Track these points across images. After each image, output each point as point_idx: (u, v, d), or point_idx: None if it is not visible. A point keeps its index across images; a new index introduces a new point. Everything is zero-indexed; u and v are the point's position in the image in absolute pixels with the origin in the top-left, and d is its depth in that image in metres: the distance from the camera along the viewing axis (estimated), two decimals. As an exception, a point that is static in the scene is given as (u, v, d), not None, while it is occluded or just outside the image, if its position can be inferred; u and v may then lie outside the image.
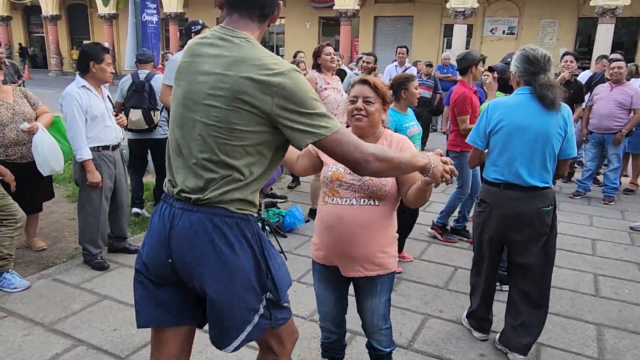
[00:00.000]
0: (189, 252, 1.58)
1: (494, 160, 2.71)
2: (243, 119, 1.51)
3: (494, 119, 2.66)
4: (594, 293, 3.60)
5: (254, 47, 1.55)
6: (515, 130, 2.60)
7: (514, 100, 2.67)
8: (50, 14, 25.10)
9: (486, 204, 2.76)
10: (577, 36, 18.36)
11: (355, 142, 1.56)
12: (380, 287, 2.17)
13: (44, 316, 3.03)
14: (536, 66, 2.61)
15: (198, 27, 4.21)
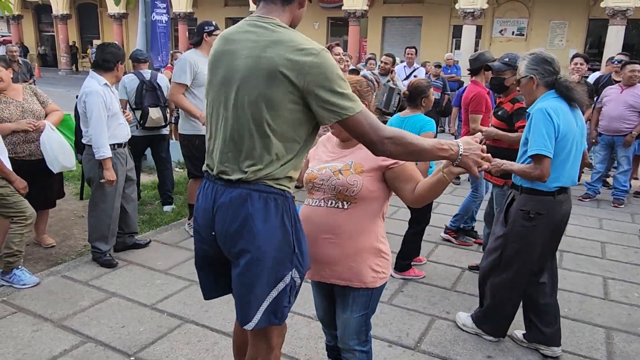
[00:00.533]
0: (228, 225, 1.68)
1: (554, 168, 2.56)
2: (280, 97, 1.58)
3: (560, 125, 2.51)
4: (603, 296, 3.57)
5: (286, 30, 1.63)
6: (572, 134, 2.56)
7: (560, 104, 2.56)
8: (61, 13, 25.28)
9: (540, 215, 2.62)
10: (587, 37, 18.22)
11: (374, 124, 1.60)
12: (352, 300, 2.00)
13: (53, 312, 3.06)
14: (555, 66, 2.61)
15: (211, 27, 4.22)
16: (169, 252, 4.03)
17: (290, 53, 1.56)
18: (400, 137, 1.62)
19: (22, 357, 2.62)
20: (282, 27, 1.64)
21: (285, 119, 1.61)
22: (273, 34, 1.61)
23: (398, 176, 1.90)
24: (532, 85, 2.65)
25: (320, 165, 2.02)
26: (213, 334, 2.89)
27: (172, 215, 4.85)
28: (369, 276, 1.97)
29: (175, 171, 6.59)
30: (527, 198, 2.66)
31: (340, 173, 1.93)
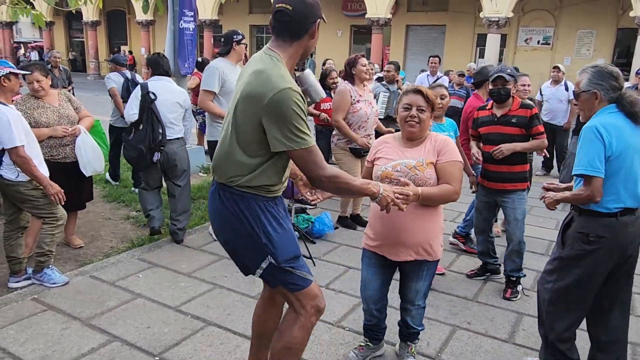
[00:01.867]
0: (212, 217, 2.14)
1: (611, 188, 2.39)
2: (249, 118, 1.91)
3: (613, 142, 2.35)
4: (631, 312, 3.49)
5: (271, 64, 1.93)
6: (632, 151, 2.39)
7: (616, 120, 2.40)
8: (91, 20, 25.98)
9: (602, 238, 2.41)
10: (616, 47, 17.89)
11: (318, 162, 1.91)
12: (426, 272, 2.53)
13: (81, 311, 3.15)
14: (620, 82, 2.46)
15: (239, 36, 4.32)
16: (193, 256, 4.11)
17: (259, 83, 1.88)
18: (335, 176, 1.96)
19: (51, 353, 2.71)
20: (271, 60, 1.94)
21: (252, 137, 1.93)
22: (261, 64, 1.93)
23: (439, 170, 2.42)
24: (594, 101, 2.46)
25: (393, 163, 2.44)
26: (235, 337, 2.94)
27: (196, 220, 4.93)
28: (439, 250, 2.52)
29: (199, 175, 6.71)
30: (587, 220, 2.47)
31: (416, 169, 2.39)
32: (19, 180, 3.27)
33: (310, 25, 1.96)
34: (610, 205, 2.41)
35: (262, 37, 25.77)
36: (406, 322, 2.67)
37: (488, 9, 16.57)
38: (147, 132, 4.03)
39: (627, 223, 2.42)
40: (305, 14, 1.94)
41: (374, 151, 2.60)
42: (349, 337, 2.99)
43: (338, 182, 1.96)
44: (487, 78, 4.23)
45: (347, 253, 4.31)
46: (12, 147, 3.14)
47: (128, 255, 4.04)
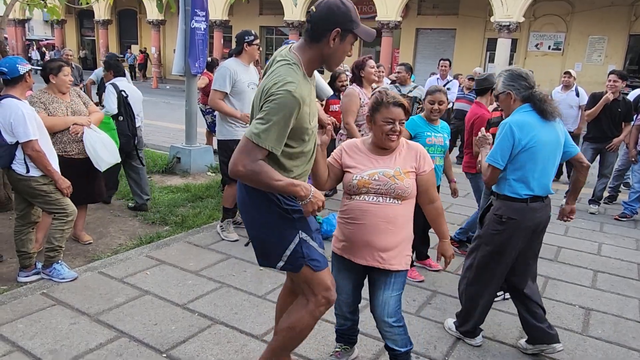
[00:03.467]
0: (241, 208, 2.23)
1: (521, 177, 2.74)
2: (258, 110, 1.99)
3: (523, 137, 2.68)
4: (639, 319, 3.47)
5: (286, 64, 1.99)
6: (541, 145, 2.70)
7: (529, 117, 2.73)
8: (102, 19, 26.16)
9: (512, 220, 2.76)
10: (627, 53, 17.74)
11: (248, 153, 1.93)
12: (393, 279, 2.38)
13: (90, 307, 3.16)
14: (529, 81, 2.77)
15: (251, 37, 4.33)
16: (201, 254, 4.12)
17: (269, 81, 1.95)
18: (258, 171, 1.94)
19: (59, 348, 2.73)
20: (284, 59, 2.00)
21: None
22: (275, 63, 2.02)
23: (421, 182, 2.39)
24: (509, 100, 2.82)
25: (369, 171, 2.34)
26: (242, 336, 2.94)
27: (204, 218, 4.95)
28: (408, 259, 2.42)
29: (208, 175, 6.73)
30: (501, 204, 2.83)
31: (395, 179, 2.31)
32: (30, 175, 3.31)
33: (326, 32, 1.97)
34: (520, 191, 2.76)
35: (271, 39, 25.83)
36: (389, 346, 2.50)
37: (499, 13, 16.49)
38: (127, 122, 4.86)
39: (536, 208, 2.77)
40: (323, 19, 1.97)
41: (344, 154, 2.45)
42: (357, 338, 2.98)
43: (258, 178, 1.96)
44: (491, 86, 4.29)
45: (355, 255, 4.30)
46: (27, 141, 3.20)
47: (136, 252, 4.05)
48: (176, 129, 10.80)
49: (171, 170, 6.76)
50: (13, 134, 3.21)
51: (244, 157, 1.94)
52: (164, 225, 4.79)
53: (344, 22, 1.97)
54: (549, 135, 2.73)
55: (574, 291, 3.84)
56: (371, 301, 2.49)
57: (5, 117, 3.19)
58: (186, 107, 6.87)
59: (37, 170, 3.32)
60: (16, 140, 3.23)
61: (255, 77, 4.47)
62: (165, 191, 5.81)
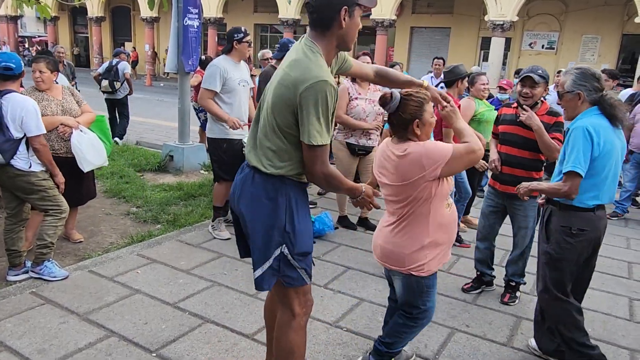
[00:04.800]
0: (240, 197, 2.13)
1: (592, 186, 2.57)
2: (286, 104, 1.92)
3: (600, 142, 2.50)
4: (629, 317, 3.49)
5: (311, 53, 1.94)
6: (614, 152, 2.55)
7: (602, 121, 2.54)
8: (96, 16, 26.02)
9: (583, 231, 2.63)
10: (620, 53, 17.86)
11: (320, 160, 1.95)
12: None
13: (79, 306, 3.15)
14: (602, 83, 2.60)
15: (240, 35, 4.29)
16: (192, 253, 4.10)
17: (295, 73, 1.90)
18: (331, 177, 2.01)
19: (48, 347, 2.71)
20: (309, 49, 1.95)
21: (286, 125, 1.96)
22: (298, 53, 1.96)
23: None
24: (577, 101, 2.61)
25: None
26: (233, 335, 2.93)
27: (196, 217, 4.93)
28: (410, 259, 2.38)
29: (201, 173, 6.71)
30: (569, 215, 2.65)
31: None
32: (32, 170, 3.32)
33: (334, 14, 1.92)
34: (589, 202, 2.61)
35: (266, 36, 25.78)
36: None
37: (493, 12, 16.55)
38: None
39: (601, 217, 2.67)
40: (326, 4, 1.92)
41: None
42: (347, 338, 2.99)
43: (332, 181, 2.04)
44: (459, 77, 4.43)
45: (347, 253, 4.31)
46: (37, 135, 3.25)
47: (127, 251, 4.04)
48: (169, 127, 10.77)
49: (164, 169, 6.74)
50: (22, 128, 3.22)
51: (320, 164, 1.96)
52: (155, 224, 4.77)
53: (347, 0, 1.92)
54: (619, 142, 2.59)
55: (564, 289, 3.85)
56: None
57: (15, 111, 3.19)
58: (179, 105, 6.84)
59: (38, 165, 3.35)
60: (21, 135, 3.24)
61: (246, 74, 4.45)
62: (157, 189, 5.78)
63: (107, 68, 8.49)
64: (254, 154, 2.08)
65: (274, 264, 2.05)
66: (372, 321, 3.19)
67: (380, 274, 3.87)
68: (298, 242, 2.05)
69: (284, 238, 2.04)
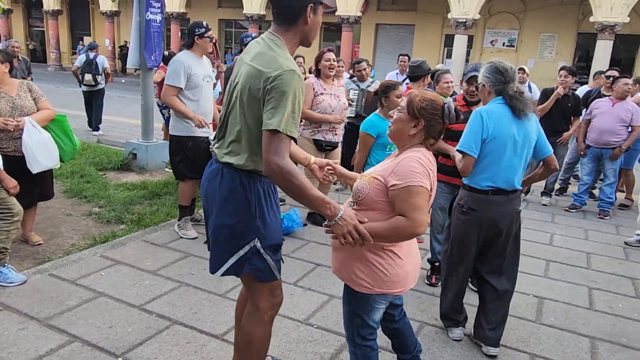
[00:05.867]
0: (209, 196, 2.11)
1: (484, 168, 2.78)
2: (252, 96, 1.90)
3: (490, 127, 2.73)
4: (588, 306, 3.62)
5: (275, 46, 1.93)
6: (507, 138, 2.73)
7: (500, 109, 2.78)
8: (52, 9, 25.07)
9: (473, 211, 2.83)
10: (576, 51, 18.52)
11: (280, 150, 1.80)
12: (345, 291, 2.20)
13: (40, 311, 3.02)
14: (506, 76, 2.80)
15: (202, 30, 4.20)
16: (158, 253, 4.00)
17: (266, 64, 1.87)
18: (293, 174, 1.80)
19: (7, 355, 2.59)
20: (271, 42, 1.94)
21: (250, 117, 1.93)
22: (262, 47, 1.95)
23: (392, 200, 1.97)
24: (485, 92, 2.90)
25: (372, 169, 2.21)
26: (202, 336, 2.88)
27: (162, 216, 4.82)
28: (348, 275, 2.10)
29: (166, 171, 6.57)
30: (465, 194, 2.90)
31: (360, 178, 2.13)
32: None
33: (302, 10, 1.93)
34: (482, 182, 2.81)
35: (231, 32, 25.46)
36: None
37: (456, 10, 16.85)
38: None
39: (499, 202, 2.80)
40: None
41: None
42: (317, 335, 2.98)
43: (291, 179, 1.79)
44: (425, 73, 4.50)
45: (316, 250, 4.30)
46: None
47: (90, 253, 3.90)
48: (132, 124, 10.50)
49: (127, 167, 6.55)
50: None
51: (274, 153, 1.79)
52: (119, 224, 4.64)
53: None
54: (519, 131, 2.75)
55: (528, 281, 3.97)
56: None
57: None
58: (142, 101, 6.67)
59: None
60: None
61: (209, 69, 4.38)
62: (121, 188, 5.62)
63: (86, 62, 8.97)
64: (222, 149, 2.06)
65: (245, 257, 2.04)
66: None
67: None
68: (268, 235, 2.06)
69: (256, 232, 2.03)
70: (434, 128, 2.05)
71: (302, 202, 1.87)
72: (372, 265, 2.03)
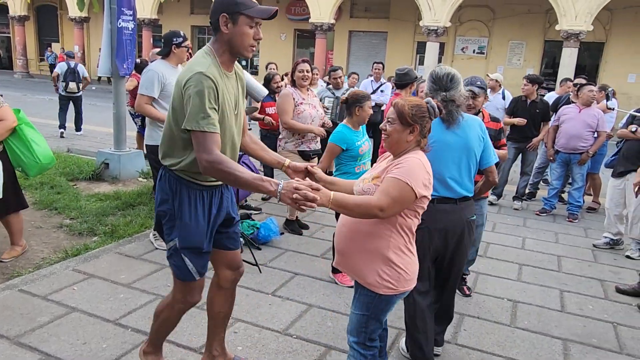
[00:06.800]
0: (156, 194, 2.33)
1: None
2: (177, 102, 2.08)
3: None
4: (560, 309, 3.72)
5: (200, 55, 2.11)
6: (441, 146, 2.68)
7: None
8: (18, 14, 24.42)
9: (423, 221, 2.65)
10: (544, 58, 19.05)
11: (206, 146, 1.97)
12: (357, 296, 2.21)
13: (9, 329, 2.92)
14: (438, 84, 2.75)
15: (180, 39, 4.16)
16: (133, 265, 3.93)
17: (183, 73, 2.07)
18: (219, 163, 1.97)
19: (-25, 376, 2.50)
20: (201, 55, 2.10)
21: (177, 122, 2.10)
22: (193, 59, 2.12)
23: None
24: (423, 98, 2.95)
25: (369, 173, 2.27)
26: (180, 350, 2.84)
27: (136, 227, 4.73)
28: (373, 279, 2.10)
29: (139, 181, 6.46)
30: None
31: (362, 182, 2.19)
32: None
33: (216, 20, 2.06)
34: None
35: (203, 38, 25.27)
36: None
37: (427, 17, 17.14)
38: None
39: (447, 210, 2.72)
40: (213, 10, 2.08)
41: (378, 161, 2.40)
42: (297, 345, 2.97)
43: (221, 169, 1.97)
44: (412, 81, 4.55)
45: (294, 259, 4.29)
46: None
47: (62, 267, 3.80)
48: (103, 133, 10.29)
49: (99, 177, 6.42)
50: None
51: (201, 150, 1.98)
52: (92, 236, 4.53)
53: (228, 7, 2.04)
54: (455, 139, 2.71)
55: (501, 285, 4.05)
56: None
57: None
58: (114, 110, 6.54)
59: None
60: None
61: None
62: (92, 199, 5.50)
63: (68, 70, 9.78)
64: (161, 154, 2.26)
65: (169, 252, 2.29)
66: (322, 327, 3.19)
67: (327, 278, 3.89)
68: (185, 237, 2.22)
69: (175, 232, 2.23)
70: (425, 128, 2.17)
71: (242, 187, 2.03)
72: (395, 265, 2.10)
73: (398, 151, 2.17)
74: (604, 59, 17.79)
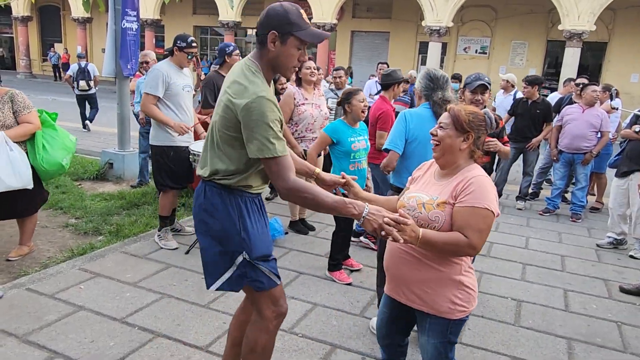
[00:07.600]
0: (196, 213, 2.16)
1: (408, 167, 2.87)
2: (228, 123, 1.98)
3: (412, 128, 2.92)
4: (564, 308, 3.73)
5: (249, 73, 1.98)
6: (427, 141, 2.61)
7: (424, 112, 2.97)
8: (21, 15, 24.51)
9: None
10: (546, 58, 19.04)
11: (282, 174, 1.91)
12: (428, 325, 2.05)
13: (18, 327, 2.95)
14: (435, 84, 2.96)
15: (183, 44, 4.15)
16: (139, 264, 3.96)
17: (231, 92, 1.95)
18: (304, 189, 1.90)
19: (-16, 374, 2.53)
20: (245, 65, 2.00)
21: (229, 142, 2.01)
22: (235, 71, 2.02)
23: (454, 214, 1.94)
24: (417, 97, 3.12)
25: (412, 193, 2.08)
26: (186, 348, 2.86)
27: (141, 227, 4.76)
28: (446, 306, 1.98)
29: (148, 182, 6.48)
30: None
31: (423, 207, 1.98)
32: None
33: (265, 36, 1.97)
34: (394, 181, 3.08)
35: (206, 39, 25.33)
36: None
37: (429, 18, 17.15)
38: None
39: None
40: (262, 24, 1.98)
41: (415, 172, 2.26)
42: (302, 344, 2.99)
43: (303, 196, 1.90)
44: (396, 81, 4.59)
45: (298, 258, 4.31)
46: None
47: (68, 266, 3.83)
48: (107, 133, 10.34)
49: (103, 177, 6.46)
50: None
51: (277, 178, 1.92)
52: (97, 235, 4.56)
53: (280, 25, 1.94)
54: None
55: (506, 284, 4.06)
56: None
57: None
58: (118, 110, 6.58)
59: None
60: None
61: (189, 79, 4.36)
62: (97, 199, 5.53)
63: (79, 70, 10.67)
64: (205, 168, 2.13)
65: (237, 271, 2.10)
66: (327, 325, 3.21)
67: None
68: (254, 247, 2.09)
69: (242, 245, 2.08)
70: (480, 140, 2.04)
71: (324, 212, 1.95)
72: (467, 287, 2.01)
73: (450, 161, 2.03)
74: (607, 58, 17.78)
